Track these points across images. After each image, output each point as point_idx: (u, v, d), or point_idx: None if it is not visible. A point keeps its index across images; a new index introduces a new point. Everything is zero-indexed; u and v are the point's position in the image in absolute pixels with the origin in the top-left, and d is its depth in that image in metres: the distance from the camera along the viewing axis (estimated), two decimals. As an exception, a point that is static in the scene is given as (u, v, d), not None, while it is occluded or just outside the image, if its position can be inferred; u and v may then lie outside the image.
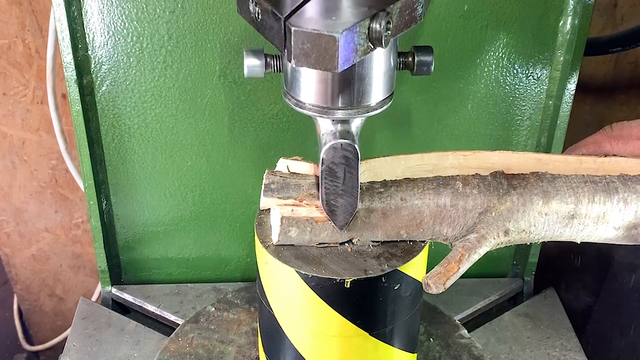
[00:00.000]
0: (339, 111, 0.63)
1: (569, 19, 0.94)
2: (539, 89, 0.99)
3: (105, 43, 0.92)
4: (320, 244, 0.68)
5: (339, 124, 0.64)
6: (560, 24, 0.95)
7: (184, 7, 0.90)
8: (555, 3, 0.93)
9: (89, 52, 0.93)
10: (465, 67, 0.97)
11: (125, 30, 0.92)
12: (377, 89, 0.64)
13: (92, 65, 0.94)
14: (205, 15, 0.91)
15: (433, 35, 0.94)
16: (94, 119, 0.98)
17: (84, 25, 0.91)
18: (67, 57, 0.91)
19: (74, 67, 0.92)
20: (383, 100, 0.65)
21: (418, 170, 0.72)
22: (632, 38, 1.11)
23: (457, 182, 0.67)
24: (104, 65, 0.94)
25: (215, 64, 0.94)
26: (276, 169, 0.73)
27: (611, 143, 0.74)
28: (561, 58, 0.97)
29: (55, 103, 1.12)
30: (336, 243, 0.68)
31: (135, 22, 0.91)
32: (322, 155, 0.64)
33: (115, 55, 0.93)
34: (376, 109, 0.64)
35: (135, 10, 0.90)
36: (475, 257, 0.65)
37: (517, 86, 0.99)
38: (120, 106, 0.97)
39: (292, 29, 0.53)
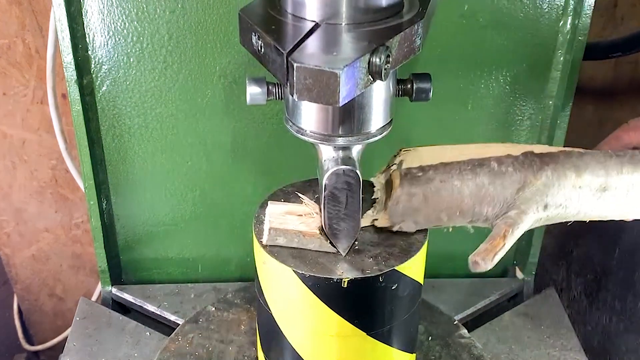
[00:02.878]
0: (340, 138, 0.65)
1: (569, 19, 0.94)
2: (539, 89, 0.99)
3: (106, 43, 0.92)
4: None
5: (341, 151, 0.66)
6: (560, 24, 0.95)
7: (184, 7, 0.90)
8: (555, 3, 0.93)
9: (89, 52, 0.93)
10: (465, 67, 0.97)
11: (125, 30, 0.92)
12: (377, 117, 0.65)
13: (92, 65, 0.94)
14: (205, 15, 0.91)
15: (433, 35, 0.93)
16: (94, 119, 0.98)
17: (84, 25, 0.91)
18: (67, 57, 0.91)
19: (74, 67, 0.92)
20: (383, 127, 0.66)
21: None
22: (632, 43, 1.11)
23: (492, 162, 0.68)
24: (104, 65, 0.94)
25: (215, 64, 0.95)
26: None
27: (629, 134, 0.83)
28: (561, 58, 0.96)
29: (55, 103, 1.12)
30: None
31: (135, 22, 0.91)
32: (324, 181, 0.65)
33: (116, 55, 0.93)
34: (376, 136, 0.66)
35: (135, 10, 0.90)
36: (518, 233, 0.66)
37: (517, 86, 0.99)
38: (120, 106, 0.97)
39: (295, 64, 0.54)
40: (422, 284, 0.73)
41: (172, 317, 1.06)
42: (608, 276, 1.18)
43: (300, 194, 0.75)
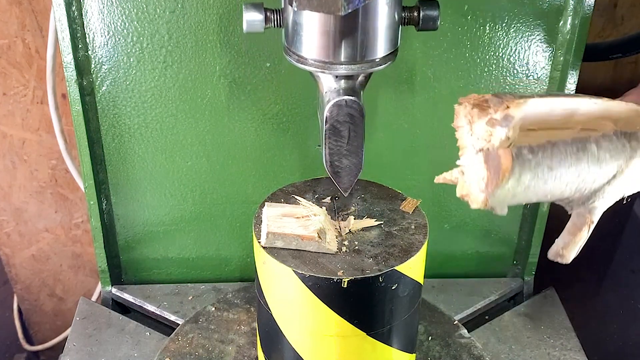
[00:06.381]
0: (342, 66, 0.61)
1: (569, 19, 0.94)
2: (539, 89, 0.99)
3: (106, 43, 0.92)
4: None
5: (343, 81, 0.62)
6: (560, 24, 0.95)
7: (184, 7, 0.90)
8: (555, 3, 0.93)
9: (89, 52, 0.93)
10: (465, 67, 0.97)
11: (125, 30, 0.92)
12: (380, 43, 0.61)
13: (92, 65, 0.94)
14: (205, 15, 0.91)
15: (433, 35, 0.94)
16: (94, 119, 0.98)
17: (84, 25, 0.91)
18: (67, 57, 0.91)
19: (74, 67, 0.92)
20: (387, 55, 0.62)
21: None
22: (632, 44, 1.10)
23: (592, 144, 0.64)
24: (104, 65, 0.94)
25: (215, 64, 0.94)
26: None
27: None
28: (561, 58, 0.96)
29: (55, 103, 1.12)
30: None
31: (135, 22, 0.91)
32: (325, 113, 0.61)
33: (116, 55, 0.93)
34: (380, 65, 0.62)
35: (135, 10, 0.90)
36: (596, 219, 0.64)
37: (517, 86, 0.99)
38: (120, 106, 0.97)
39: None
40: (422, 284, 0.74)
41: (172, 317, 1.06)
42: (608, 275, 1.18)
43: (298, 197, 0.74)
